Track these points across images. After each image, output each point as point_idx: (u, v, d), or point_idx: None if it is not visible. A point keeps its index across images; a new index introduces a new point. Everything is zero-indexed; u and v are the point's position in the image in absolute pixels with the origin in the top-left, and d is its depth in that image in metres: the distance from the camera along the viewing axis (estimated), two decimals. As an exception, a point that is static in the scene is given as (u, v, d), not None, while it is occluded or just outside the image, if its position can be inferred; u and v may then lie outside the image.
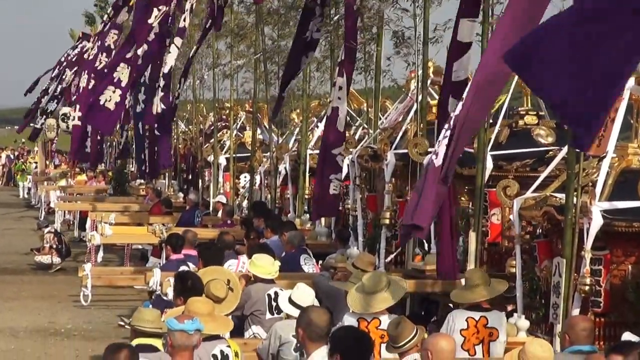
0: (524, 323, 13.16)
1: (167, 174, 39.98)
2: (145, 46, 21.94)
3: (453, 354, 9.80)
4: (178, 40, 22.86)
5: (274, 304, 13.72)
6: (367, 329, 12.01)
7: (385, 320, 11.89)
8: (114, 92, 21.45)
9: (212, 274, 12.86)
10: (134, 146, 36.20)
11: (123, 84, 21.72)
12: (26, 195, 59.53)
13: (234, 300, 12.99)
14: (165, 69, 22.63)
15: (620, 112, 13.57)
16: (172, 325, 9.71)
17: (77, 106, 37.05)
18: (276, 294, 13.80)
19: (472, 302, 12.57)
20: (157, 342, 10.61)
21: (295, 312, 11.76)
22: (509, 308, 14.12)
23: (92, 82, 30.61)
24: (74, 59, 42.40)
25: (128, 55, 22.37)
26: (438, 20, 18.17)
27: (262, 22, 27.75)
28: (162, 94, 22.74)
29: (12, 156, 79.65)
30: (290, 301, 12.67)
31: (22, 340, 21.47)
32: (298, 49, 20.75)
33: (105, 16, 36.51)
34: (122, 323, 20.47)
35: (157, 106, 22.64)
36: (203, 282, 12.47)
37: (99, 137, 36.73)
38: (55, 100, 45.00)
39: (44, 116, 45.84)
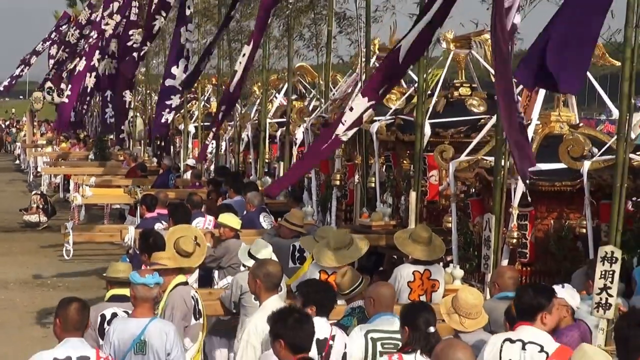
0: (459, 272, 13.22)
1: (142, 141, 40.03)
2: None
3: (393, 299, 9.85)
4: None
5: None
6: (326, 279, 12.14)
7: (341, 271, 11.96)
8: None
9: (181, 232, 12.87)
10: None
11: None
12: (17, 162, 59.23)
13: (201, 254, 13.00)
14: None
15: (544, 85, 13.67)
16: (134, 279, 9.77)
17: (69, 85, 37.05)
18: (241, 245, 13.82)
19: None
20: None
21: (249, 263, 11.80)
22: (448, 259, 14.22)
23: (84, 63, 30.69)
24: (56, 38, 42.18)
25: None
26: (378, 2, 18.29)
27: (224, 4, 27.75)
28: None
29: (3, 125, 79.45)
30: (250, 254, 12.69)
31: (12, 291, 21.57)
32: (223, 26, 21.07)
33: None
34: (103, 274, 20.46)
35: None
36: (164, 239, 12.50)
37: (82, 108, 36.56)
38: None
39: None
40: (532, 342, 8.33)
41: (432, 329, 8.34)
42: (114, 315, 10.32)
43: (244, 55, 18.38)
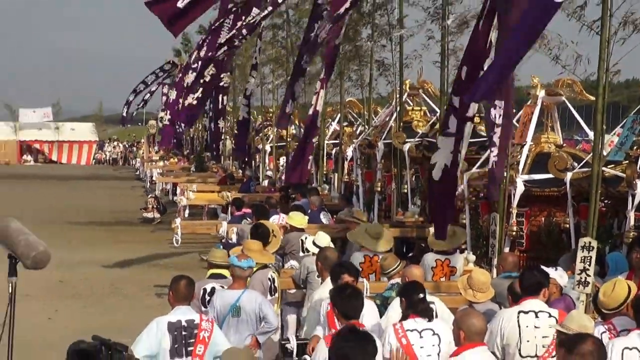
0: (472, 257, 13.19)
1: (231, 157, 40.20)
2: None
3: (422, 278, 9.84)
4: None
5: (304, 246, 13.80)
6: (371, 262, 12.20)
7: (381, 255, 12.02)
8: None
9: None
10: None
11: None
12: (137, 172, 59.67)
13: (277, 243, 13.09)
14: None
15: (536, 113, 13.67)
16: (233, 262, 9.96)
17: (168, 112, 37.58)
18: (306, 238, 13.86)
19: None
20: (225, 272, 10.71)
21: (317, 251, 11.88)
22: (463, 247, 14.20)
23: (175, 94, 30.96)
24: (166, 79, 42.79)
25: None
26: (408, 50, 18.31)
27: (292, 54, 27.88)
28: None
29: (127, 145, 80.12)
30: (314, 243, 12.82)
31: (133, 270, 21.62)
32: (296, 73, 21.01)
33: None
34: (203, 258, 20.56)
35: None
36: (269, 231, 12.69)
37: (180, 130, 37.16)
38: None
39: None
40: (542, 311, 8.37)
41: (421, 296, 8.37)
42: (213, 289, 10.38)
43: (321, 97, 18.69)
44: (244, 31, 20.14)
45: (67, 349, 6.11)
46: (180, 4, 15.71)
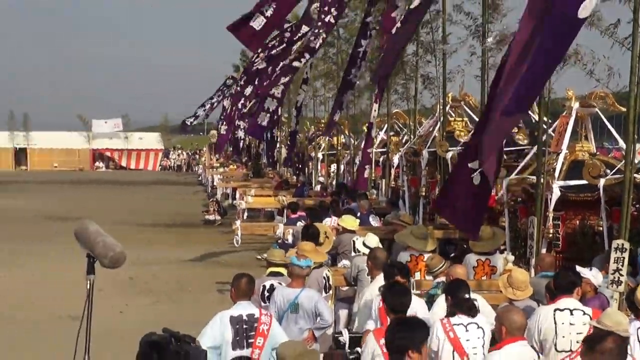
0: (511, 257, 13.11)
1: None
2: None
3: (466, 277, 9.84)
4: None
5: (355, 246, 13.82)
6: (417, 261, 12.20)
7: (426, 255, 12.01)
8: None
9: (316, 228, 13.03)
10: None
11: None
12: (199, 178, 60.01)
13: (329, 244, 13.14)
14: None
15: (570, 123, 13.57)
16: (293, 261, 10.00)
17: (224, 122, 38.10)
18: (357, 239, 13.88)
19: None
20: (282, 270, 10.76)
21: (367, 251, 11.90)
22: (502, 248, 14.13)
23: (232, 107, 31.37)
24: (225, 92, 43.11)
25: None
26: (451, 65, 18.28)
27: (342, 69, 27.94)
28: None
29: (190, 153, 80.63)
30: (364, 244, 12.84)
31: (196, 268, 21.72)
32: (344, 86, 21.14)
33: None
34: (259, 257, 20.68)
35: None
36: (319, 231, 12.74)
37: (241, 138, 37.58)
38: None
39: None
40: (576, 309, 8.35)
41: (466, 295, 8.36)
42: (272, 286, 10.44)
43: (375, 110, 18.83)
44: (306, 54, 20.43)
45: (140, 340, 6.17)
46: (256, 26, 16.14)
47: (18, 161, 74.34)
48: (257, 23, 16.23)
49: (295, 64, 21.50)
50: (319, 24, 20.94)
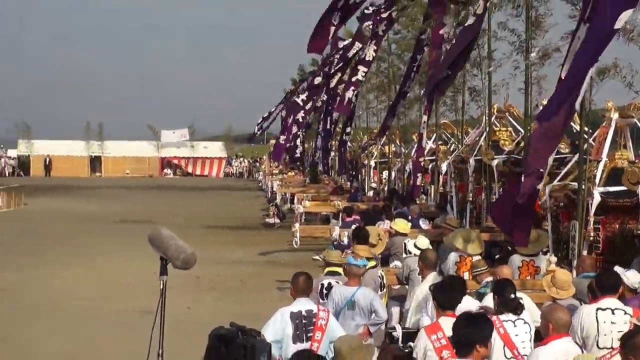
0: (554, 259, 12.94)
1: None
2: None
3: (511, 276, 9.77)
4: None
5: (407, 248, 13.79)
6: (465, 262, 12.13)
7: (474, 257, 11.95)
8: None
9: (370, 230, 12.98)
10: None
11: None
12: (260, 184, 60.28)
13: (382, 245, 13.12)
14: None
15: (610, 132, 13.43)
16: (350, 261, 9.99)
17: (283, 133, 38.35)
18: (408, 241, 13.86)
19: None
20: (339, 270, 10.77)
21: (418, 252, 11.87)
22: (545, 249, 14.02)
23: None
24: (283, 104, 43.45)
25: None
26: (496, 79, 18.20)
27: (393, 83, 27.94)
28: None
29: (251, 161, 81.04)
30: (415, 245, 12.80)
31: (258, 267, 21.78)
32: (399, 97, 21.19)
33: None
34: (315, 258, 20.71)
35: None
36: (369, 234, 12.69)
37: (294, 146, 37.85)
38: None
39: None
40: (617, 308, 8.25)
41: (512, 295, 8.29)
42: (330, 284, 10.44)
43: (424, 121, 18.81)
44: (360, 68, 20.51)
45: (209, 334, 6.22)
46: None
47: (93, 168, 75.21)
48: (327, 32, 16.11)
49: (359, 76, 21.74)
50: (372, 40, 21.05)
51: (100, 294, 17.50)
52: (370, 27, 21.97)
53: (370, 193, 30.38)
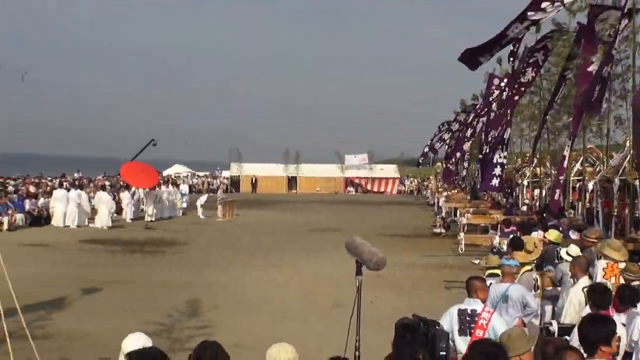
0: None
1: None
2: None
3: None
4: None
5: (559, 255, 13.39)
6: (612, 268, 11.61)
7: (622, 264, 11.43)
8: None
9: (526, 239, 12.73)
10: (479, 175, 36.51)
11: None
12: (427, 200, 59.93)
13: (537, 252, 12.78)
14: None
15: None
16: (504, 262, 9.99)
17: (447, 158, 37.99)
18: (560, 249, 13.46)
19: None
20: (499, 272, 10.63)
21: (569, 259, 11.52)
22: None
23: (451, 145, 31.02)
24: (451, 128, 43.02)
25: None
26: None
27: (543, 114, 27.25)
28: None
29: (420, 180, 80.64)
30: (567, 253, 12.42)
31: (427, 269, 21.36)
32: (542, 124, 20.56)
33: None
34: (473, 262, 20.37)
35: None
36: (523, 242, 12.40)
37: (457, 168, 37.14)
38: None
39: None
40: None
41: None
42: (491, 284, 10.30)
43: (567, 146, 18.29)
44: (516, 97, 20.11)
45: (395, 323, 6.26)
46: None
47: (290, 186, 77.22)
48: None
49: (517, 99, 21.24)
50: (521, 79, 20.67)
51: (300, 292, 17.87)
52: (522, 69, 21.54)
53: (524, 208, 29.63)
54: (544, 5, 14.05)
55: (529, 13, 14.16)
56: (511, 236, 15.85)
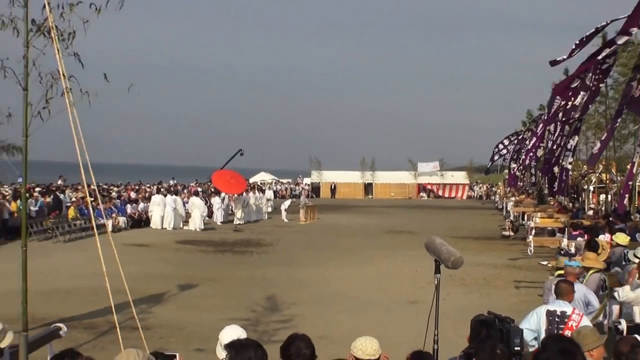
0: None
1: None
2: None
3: None
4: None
5: (626, 257, 12.99)
6: None
7: None
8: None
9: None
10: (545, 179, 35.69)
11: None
12: (496, 205, 58.97)
13: (605, 254, 12.44)
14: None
15: None
16: (566, 263, 9.87)
17: (515, 164, 37.25)
18: (627, 252, 13.05)
19: None
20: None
21: (637, 261, 11.13)
22: None
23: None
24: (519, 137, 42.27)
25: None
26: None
27: (609, 123, 26.47)
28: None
29: (489, 186, 79.45)
30: (634, 255, 12.00)
31: (497, 269, 20.96)
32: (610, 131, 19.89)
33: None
34: (542, 263, 19.91)
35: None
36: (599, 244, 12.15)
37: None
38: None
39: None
40: None
41: None
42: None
43: (637, 152, 17.74)
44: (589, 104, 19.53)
45: (472, 319, 6.18)
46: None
47: (366, 192, 77.05)
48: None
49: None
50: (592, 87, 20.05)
51: (376, 289, 17.82)
52: (591, 77, 20.90)
53: (590, 212, 28.79)
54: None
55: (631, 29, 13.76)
56: (578, 239, 15.51)
